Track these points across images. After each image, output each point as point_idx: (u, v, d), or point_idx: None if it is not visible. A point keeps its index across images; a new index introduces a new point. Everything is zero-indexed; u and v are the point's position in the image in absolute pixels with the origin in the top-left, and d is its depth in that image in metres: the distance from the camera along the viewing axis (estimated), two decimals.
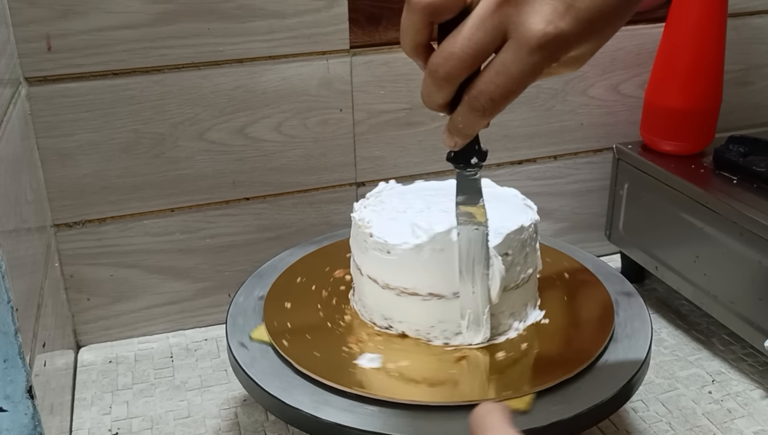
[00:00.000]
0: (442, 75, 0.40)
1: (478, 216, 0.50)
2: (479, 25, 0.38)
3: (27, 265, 0.56)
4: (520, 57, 0.38)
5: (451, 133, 0.43)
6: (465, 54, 0.39)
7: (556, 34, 0.37)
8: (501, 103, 0.40)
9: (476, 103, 0.40)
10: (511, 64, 0.38)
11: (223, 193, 0.76)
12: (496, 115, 0.41)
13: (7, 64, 0.60)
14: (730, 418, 0.65)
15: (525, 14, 0.37)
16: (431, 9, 0.39)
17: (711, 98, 0.77)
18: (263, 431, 0.65)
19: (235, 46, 0.71)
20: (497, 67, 0.39)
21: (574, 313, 0.61)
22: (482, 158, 0.47)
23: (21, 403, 0.45)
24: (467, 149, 0.46)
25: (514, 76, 0.39)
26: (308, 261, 0.69)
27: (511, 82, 0.39)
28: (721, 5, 0.74)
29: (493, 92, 0.39)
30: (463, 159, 0.47)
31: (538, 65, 0.38)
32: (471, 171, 0.48)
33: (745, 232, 0.66)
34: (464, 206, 0.50)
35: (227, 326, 0.60)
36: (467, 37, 0.39)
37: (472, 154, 0.47)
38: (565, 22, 0.37)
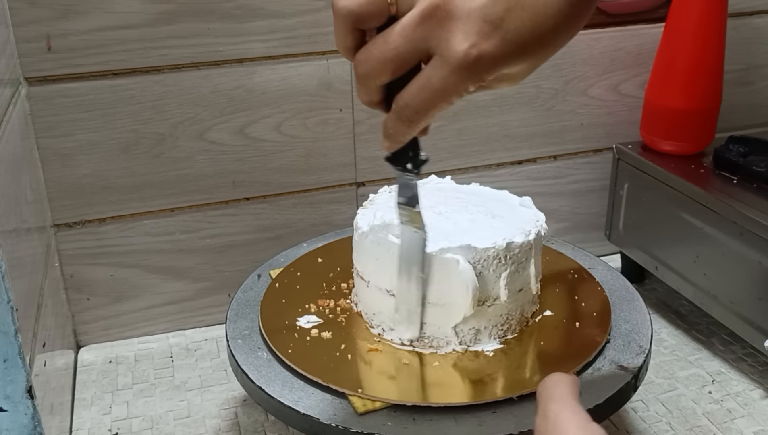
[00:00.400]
0: (360, 73, 0.40)
1: (415, 220, 0.50)
2: (401, 34, 0.38)
3: (27, 265, 0.56)
4: (443, 74, 0.37)
5: (383, 136, 0.43)
6: (383, 58, 0.39)
7: (478, 55, 0.37)
8: (425, 115, 0.40)
9: (402, 114, 0.40)
10: (434, 80, 0.38)
11: (223, 193, 0.76)
12: (424, 125, 0.41)
13: (7, 64, 0.60)
14: (730, 418, 0.65)
15: (448, 32, 0.37)
16: (353, 17, 0.39)
17: (711, 98, 0.77)
18: (263, 431, 0.65)
19: (235, 46, 0.71)
20: (422, 80, 0.38)
21: (573, 313, 0.61)
22: (416, 165, 0.47)
23: (21, 403, 0.45)
24: (403, 153, 0.46)
25: (436, 92, 0.38)
26: (308, 260, 0.69)
27: (434, 98, 0.39)
28: (721, 5, 0.74)
29: (417, 105, 0.39)
30: (398, 162, 0.47)
31: (461, 84, 0.38)
32: (408, 175, 0.48)
33: (745, 232, 0.66)
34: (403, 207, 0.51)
35: (227, 326, 0.60)
36: (387, 42, 0.38)
37: (407, 160, 0.47)
38: (489, 43, 0.37)
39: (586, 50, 0.82)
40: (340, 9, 0.39)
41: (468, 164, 0.83)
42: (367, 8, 0.39)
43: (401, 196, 0.50)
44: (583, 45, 0.82)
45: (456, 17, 0.37)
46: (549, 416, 0.38)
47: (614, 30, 0.82)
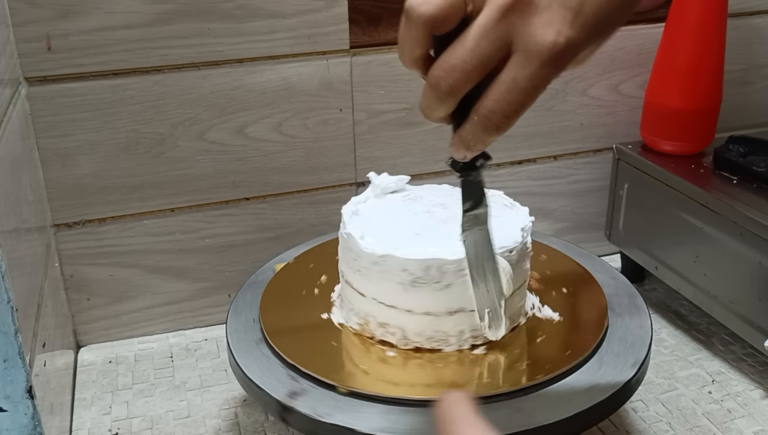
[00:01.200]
0: (444, 89, 0.38)
1: (482, 216, 0.49)
2: (483, 36, 0.36)
3: (27, 265, 0.56)
4: (532, 70, 0.36)
5: (460, 148, 0.41)
6: (469, 66, 0.37)
7: (566, 43, 0.36)
8: (515, 118, 0.38)
9: (489, 123, 0.38)
10: (522, 78, 0.36)
11: (223, 193, 0.76)
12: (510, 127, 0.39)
13: (7, 64, 0.60)
14: (730, 418, 0.65)
15: (532, 25, 0.36)
16: (433, 22, 0.37)
17: (711, 98, 0.77)
18: (263, 431, 0.65)
19: (235, 46, 0.71)
20: (508, 83, 0.37)
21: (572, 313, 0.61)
22: (487, 157, 0.45)
23: (21, 403, 0.45)
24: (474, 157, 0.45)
25: (526, 91, 0.37)
26: (309, 260, 0.69)
27: (524, 97, 0.37)
28: (721, 5, 0.74)
29: (506, 110, 0.37)
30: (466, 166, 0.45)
31: (550, 76, 0.37)
32: (476, 174, 0.46)
33: (745, 232, 0.66)
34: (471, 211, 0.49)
35: (227, 326, 0.60)
36: (470, 49, 0.37)
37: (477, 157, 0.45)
38: (574, 30, 0.36)
39: None
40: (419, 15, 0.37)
41: None
42: (447, 10, 0.37)
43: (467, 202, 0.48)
44: None
45: (537, 9, 0.36)
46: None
47: None
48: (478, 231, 0.50)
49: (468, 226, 0.50)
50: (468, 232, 0.50)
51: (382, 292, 0.56)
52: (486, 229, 0.50)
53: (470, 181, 0.47)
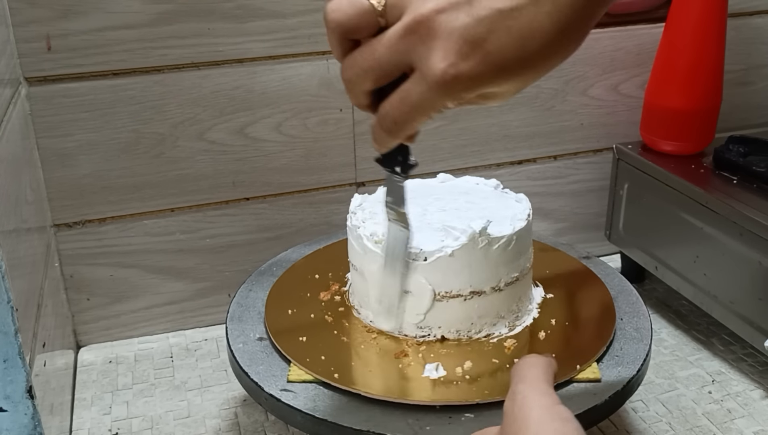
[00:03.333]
0: (344, 78, 0.40)
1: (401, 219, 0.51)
2: (385, 45, 0.38)
3: (27, 265, 0.56)
4: (421, 90, 0.37)
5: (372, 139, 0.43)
6: (366, 66, 0.39)
7: (455, 75, 0.36)
8: (404, 126, 0.40)
9: (383, 123, 0.40)
10: (413, 94, 0.38)
11: (223, 193, 0.76)
12: (405, 135, 0.41)
13: (7, 64, 0.60)
14: (730, 418, 0.65)
15: (429, 49, 0.37)
16: (342, 29, 0.39)
17: (711, 98, 0.77)
18: (263, 431, 0.65)
19: (235, 46, 0.71)
20: (401, 93, 0.38)
21: (574, 314, 0.61)
22: (404, 170, 0.47)
23: (21, 403, 0.45)
24: (392, 157, 0.47)
25: (415, 107, 0.38)
26: (309, 260, 0.69)
27: (412, 111, 0.38)
28: (721, 5, 0.74)
29: (396, 116, 0.39)
30: (387, 164, 0.47)
31: (438, 101, 0.38)
32: (396, 178, 0.48)
33: (745, 232, 0.66)
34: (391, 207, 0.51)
35: (227, 326, 0.60)
36: (370, 51, 0.39)
37: (396, 163, 0.47)
38: (467, 64, 0.36)
39: (586, 50, 0.82)
40: (329, 22, 0.39)
41: (468, 164, 0.83)
42: (356, 21, 0.39)
43: (389, 197, 0.50)
44: (583, 45, 0.82)
45: (437, 35, 0.36)
46: (516, 397, 0.38)
47: (614, 30, 0.83)
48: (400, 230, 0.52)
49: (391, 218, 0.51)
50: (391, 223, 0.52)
51: None
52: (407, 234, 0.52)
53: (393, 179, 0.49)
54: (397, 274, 0.54)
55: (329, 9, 0.39)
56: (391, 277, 0.54)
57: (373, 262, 0.58)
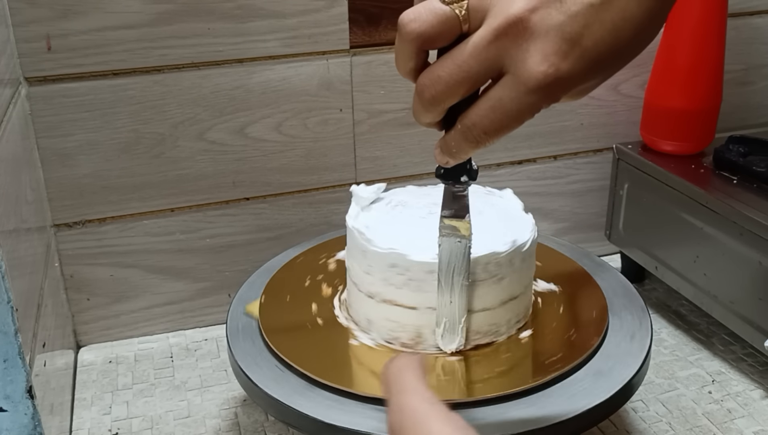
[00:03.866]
0: (427, 97, 0.38)
1: (462, 230, 0.50)
2: (473, 54, 0.36)
3: (27, 265, 0.56)
4: (517, 95, 0.36)
5: (443, 153, 0.41)
6: (452, 80, 0.37)
7: (557, 76, 0.35)
8: (495, 136, 0.38)
9: (470, 134, 0.38)
10: (507, 100, 0.36)
11: (223, 193, 0.76)
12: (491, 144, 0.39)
13: (7, 64, 0.60)
14: (730, 418, 0.65)
15: (524, 51, 0.35)
16: (423, 39, 0.37)
17: (711, 98, 0.77)
18: (263, 431, 0.65)
19: (235, 46, 0.71)
20: (493, 101, 0.36)
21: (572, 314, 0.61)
22: (473, 177, 0.46)
23: (21, 403, 0.45)
24: (458, 166, 0.45)
25: (509, 113, 0.36)
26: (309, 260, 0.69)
27: (507, 119, 0.37)
28: (721, 5, 0.74)
29: (487, 126, 0.37)
30: (453, 176, 0.46)
31: (536, 105, 0.36)
32: (459, 187, 0.47)
33: (745, 232, 0.66)
34: (449, 220, 0.49)
35: (227, 326, 0.60)
36: (458, 64, 0.36)
37: (462, 172, 0.46)
38: (568, 62, 0.35)
39: None
40: (409, 33, 0.37)
41: None
42: (439, 29, 0.37)
43: (447, 210, 0.49)
44: None
45: (534, 35, 0.35)
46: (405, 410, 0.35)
47: None
48: (456, 242, 0.50)
49: (446, 233, 0.50)
50: (445, 238, 0.50)
51: None
52: (466, 244, 0.50)
53: (453, 192, 0.47)
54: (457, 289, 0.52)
55: (407, 19, 0.37)
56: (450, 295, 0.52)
57: None
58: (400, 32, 0.37)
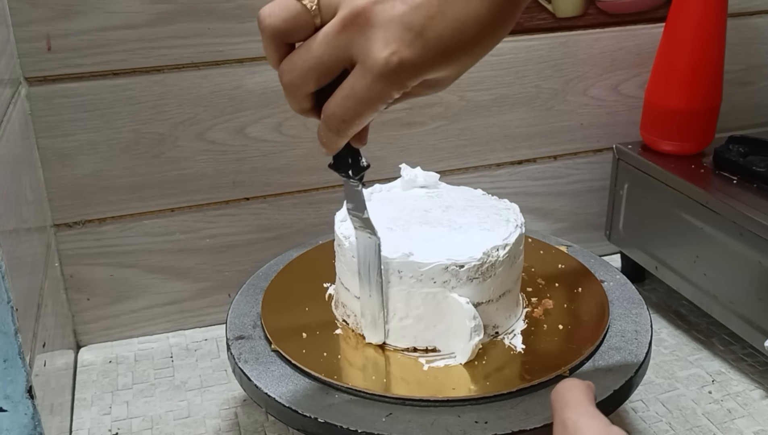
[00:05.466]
0: (284, 82, 0.40)
1: (366, 226, 0.50)
2: (323, 42, 0.38)
3: (27, 265, 0.56)
4: (366, 83, 0.37)
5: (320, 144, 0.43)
6: (306, 67, 0.38)
7: (399, 63, 0.36)
8: (352, 123, 0.39)
9: (330, 123, 0.40)
10: (357, 88, 0.38)
11: (223, 193, 0.76)
12: (353, 133, 0.41)
13: (7, 64, 0.60)
14: (730, 418, 0.65)
15: (369, 40, 0.37)
16: (278, 33, 0.39)
17: (711, 98, 0.77)
18: (263, 431, 0.65)
19: (235, 46, 0.71)
20: (346, 90, 0.38)
21: (572, 313, 0.61)
22: (357, 172, 0.47)
23: (21, 403, 0.45)
24: (343, 159, 0.46)
25: (361, 101, 0.38)
26: (310, 260, 0.69)
27: (360, 106, 0.38)
28: (721, 5, 0.74)
29: (343, 114, 0.39)
30: (339, 168, 0.47)
31: (385, 92, 0.38)
32: (353, 181, 0.47)
33: (745, 232, 0.66)
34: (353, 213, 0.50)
35: (227, 326, 0.60)
36: (310, 51, 0.38)
37: (347, 166, 0.46)
38: (410, 50, 0.36)
39: (586, 50, 0.82)
40: (265, 27, 0.39)
41: (468, 164, 0.83)
42: (292, 23, 0.38)
43: (350, 203, 0.50)
44: (583, 45, 0.82)
45: (376, 24, 0.37)
46: (567, 424, 0.37)
47: (614, 30, 0.82)
48: (368, 238, 0.51)
49: (358, 226, 0.51)
50: (359, 232, 0.51)
51: None
52: (375, 241, 0.51)
53: (349, 184, 0.48)
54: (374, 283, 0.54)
55: (262, 15, 0.39)
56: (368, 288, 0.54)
57: None
58: (259, 27, 0.39)
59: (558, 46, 0.81)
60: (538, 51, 0.81)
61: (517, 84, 0.81)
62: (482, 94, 0.80)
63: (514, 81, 0.81)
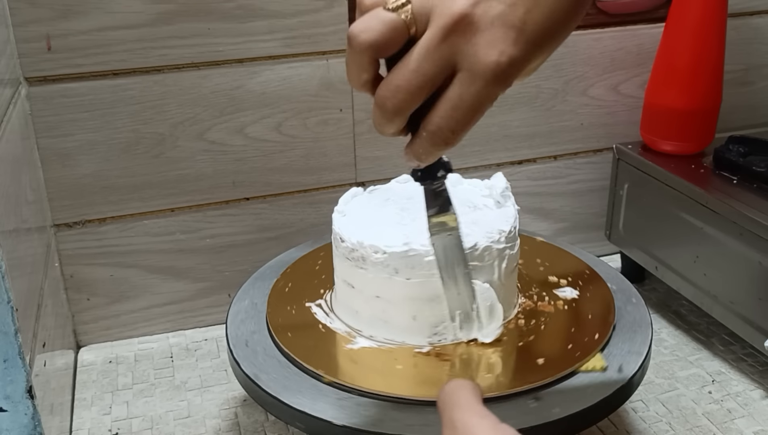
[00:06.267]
0: (390, 108, 0.39)
1: (450, 222, 0.50)
2: (426, 57, 0.37)
3: (27, 265, 0.56)
4: (476, 89, 0.37)
5: (411, 159, 0.42)
6: (412, 87, 0.38)
7: (509, 62, 0.37)
8: (462, 133, 0.39)
9: (437, 138, 0.39)
10: (467, 97, 0.37)
11: (223, 193, 0.76)
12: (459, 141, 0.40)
13: (7, 64, 0.60)
14: (730, 418, 0.65)
15: (475, 45, 0.36)
16: (375, 49, 0.38)
17: (711, 98, 0.77)
18: (263, 431, 0.65)
19: (235, 46, 0.71)
20: (453, 101, 0.37)
21: (574, 312, 0.61)
22: (448, 169, 0.47)
23: (21, 403, 0.45)
24: (432, 165, 0.46)
25: (472, 108, 0.38)
26: (310, 260, 0.69)
27: (470, 114, 0.38)
28: (721, 5, 0.74)
29: (453, 126, 0.38)
30: (429, 176, 0.47)
31: (495, 93, 0.38)
32: (437, 183, 0.47)
33: (745, 232, 0.66)
34: (436, 217, 0.50)
35: (227, 326, 0.60)
36: (414, 70, 0.37)
37: (437, 169, 0.46)
38: (516, 48, 0.37)
39: (586, 50, 0.82)
40: (360, 43, 0.37)
41: (468, 164, 0.83)
42: (388, 36, 0.37)
43: (431, 208, 0.49)
44: (583, 45, 0.82)
45: (480, 28, 0.36)
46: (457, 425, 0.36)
47: (614, 30, 0.83)
48: (447, 236, 0.51)
49: (436, 231, 0.51)
50: (436, 236, 0.51)
51: None
52: (456, 235, 0.51)
53: (432, 189, 0.48)
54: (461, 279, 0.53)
55: (357, 30, 0.37)
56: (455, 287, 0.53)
57: None
58: (351, 44, 0.38)
59: None
60: None
61: (516, 84, 0.81)
62: None
63: None
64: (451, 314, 0.55)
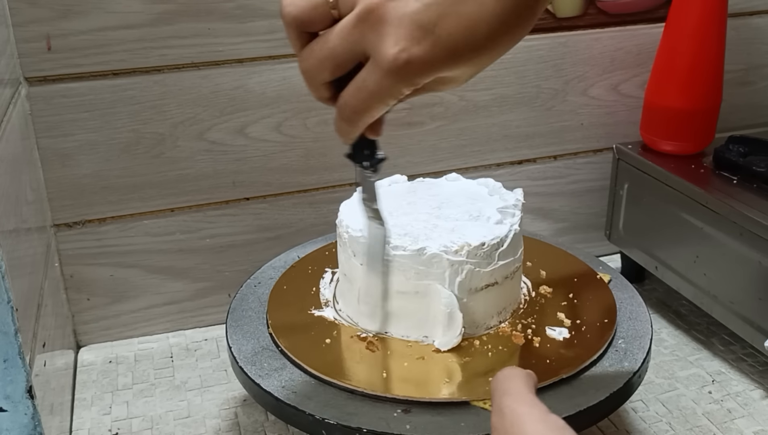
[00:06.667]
0: (302, 69, 0.41)
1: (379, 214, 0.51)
2: (338, 35, 0.39)
3: (27, 265, 0.56)
4: (376, 77, 0.38)
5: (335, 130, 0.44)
6: (321, 56, 0.40)
7: (407, 60, 0.37)
8: (364, 116, 0.40)
9: (342, 112, 0.41)
10: (368, 82, 0.39)
11: (223, 193, 0.76)
12: (365, 125, 0.42)
13: (7, 64, 0.60)
14: (730, 418, 0.65)
15: (380, 36, 0.37)
16: (297, 22, 0.40)
17: (711, 98, 0.77)
18: (263, 431, 0.65)
19: (235, 46, 0.71)
20: (358, 82, 0.39)
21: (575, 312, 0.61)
22: (372, 163, 0.48)
23: (21, 403, 0.45)
24: (359, 151, 0.47)
25: (371, 95, 0.39)
26: (310, 260, 0.69)
27: (371, 99, 0.39)
28: (721, 5, 0.74)
29: (355, 106, 0.40)
30: (355, 158, 0.48)
31: (394, 87, 0.38)
32: (367, 172, 0.48)
33: (745, 232, 0.66)
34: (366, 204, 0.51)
35: (227, 326, 0.60)
36: (326, 42, 0.39)
37: (363, 157, 0.48)
38: (419, 48, 0.37)
39: (586, 50, 0.82)
40: (285, 16, 0.40)
41: (468, 164, 0.83)
42: (310, 13, 0.39)
43: (364, 193, 0.51)
44: (583, 45, 0.82)
45: (388, 21, 0.37)
46: (505, 412, 0.37)
47: (614, 30, 0.83)
48: (376, 228, 0.52)
49: (370, 217, 0.52)
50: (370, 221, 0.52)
51: None
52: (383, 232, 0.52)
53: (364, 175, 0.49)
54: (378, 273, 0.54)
55: (284, 4, 0.40)
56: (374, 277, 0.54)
57: None
58: (281, 16, 0.40)
59: (558, 46, 0.81)
60: (538, 51, 0.81)
61: (517, 84, 0.81)
62: (482, 94, 0.81)
63: (514, 81, 0.81)
64: (359, 298, 0.57)
